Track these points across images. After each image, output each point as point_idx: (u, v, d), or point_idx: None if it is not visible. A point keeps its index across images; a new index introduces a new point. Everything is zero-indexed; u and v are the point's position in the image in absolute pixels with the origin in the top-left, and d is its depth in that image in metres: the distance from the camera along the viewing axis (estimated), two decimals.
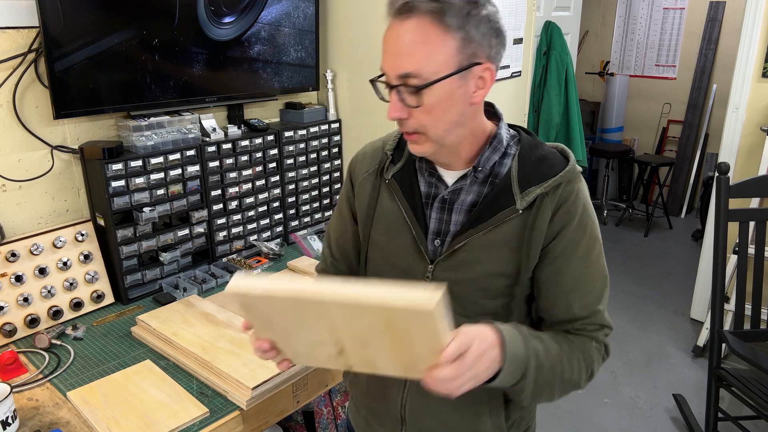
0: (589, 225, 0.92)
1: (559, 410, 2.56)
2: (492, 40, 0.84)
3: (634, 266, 4.02)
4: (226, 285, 0.74)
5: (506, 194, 0.90)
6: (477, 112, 0.91)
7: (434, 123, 0.86)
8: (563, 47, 3.24)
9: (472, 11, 0.81)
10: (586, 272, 0.92)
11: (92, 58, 1.55)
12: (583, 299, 0.93)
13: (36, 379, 1.32)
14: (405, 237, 0.96)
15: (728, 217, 2.02)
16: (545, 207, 0.88)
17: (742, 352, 1.93)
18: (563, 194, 0.89)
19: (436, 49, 0.81)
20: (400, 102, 0.85)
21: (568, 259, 0.91)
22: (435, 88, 0.82)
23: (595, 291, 0.94)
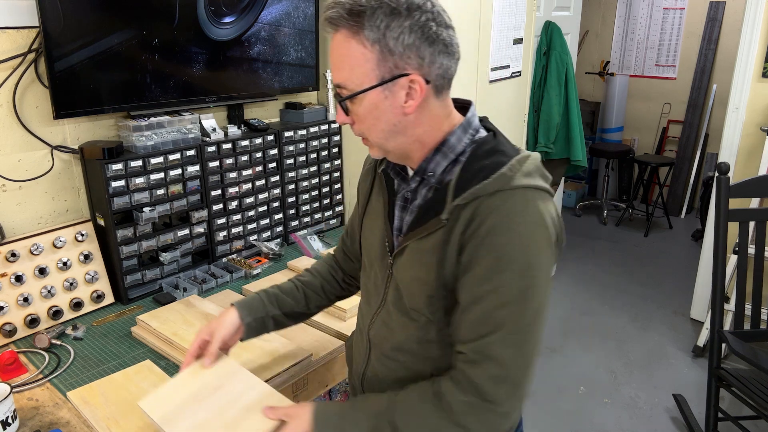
0: (501, 245, 0.81)
1: (559, 410, 2.56)
2: (423, 50, 0.83)
3: (634, 266, 4.02)
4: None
5: (441, 203, 0.88)
6: (420, 121, 0.89)
7: (369, 131, 0.90)
8: (563, 47, 3.24)
9: (391, 24, 0.81)
10: (487, 296, 0.82)
11: (92, 58, 1.55)
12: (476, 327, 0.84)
13: (36, 379, 1.32)
14: (381, 228, 1.00)
15: (728, 217, 2.02)
16: (461, 220, 0.84)
17: (742, 352, 1.93)
18: (481, 208, 0.83)
19: (355, 62, 0.84)
20: (343, 111, 0.91)
21: (467, 277, 0.84)
22: (361, 99, 0.86)
23: (494, 319, 0.82)
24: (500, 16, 2.40)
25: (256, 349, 1.36)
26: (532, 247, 0.82)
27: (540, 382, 2.77)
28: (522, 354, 0.83)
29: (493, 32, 2.38)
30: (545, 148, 3.26)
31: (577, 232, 4.57)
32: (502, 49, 2.48)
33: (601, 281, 3.79)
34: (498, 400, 0.83)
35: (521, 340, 0.83)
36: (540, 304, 0.83)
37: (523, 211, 0.82)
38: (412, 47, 0.82)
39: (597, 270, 3.95)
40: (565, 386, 2.73)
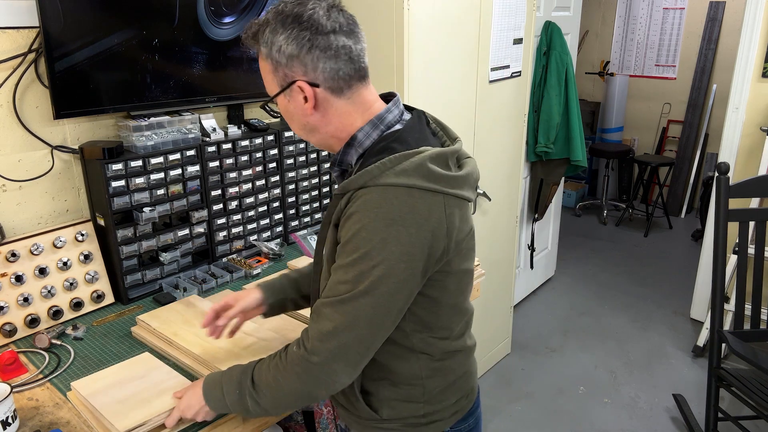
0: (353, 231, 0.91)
1: (559, 410, 2.56)
2: (303, 58, 0.94)
3: (634, 266, 4.02)
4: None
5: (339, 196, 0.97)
6: (329, 120, 1.00)
7: (292, 129, 1.05)
8: (563, 47, 3.24)
9: (273, 39, 0.94)
10: (336, 269, 0.94)
11: (92, 58, 1.55)
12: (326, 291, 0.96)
13: (36, 379, 1.32)
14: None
15: (728, 217, 2.02)
16: (338, 206, 0.96)
17: (742, 352, 1.93)
18: (351, 198, 0.93)
19: (264, 74, 1.00)
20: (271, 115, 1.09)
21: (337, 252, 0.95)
22: (276, 104, 1.02)
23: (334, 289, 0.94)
24: (500, 16, 2.40)
25: (256, 349, 1.36)
26: (376, 240, 0.89)
27: (540, 382, 2.77)
28: (352, 323, 0.92)
29: (493, 32, 2.38)
30: (545, 148, 3.26)
31: (576, 232, 4.56)
32: (502, 49, 2.48)
33: (601, 281, 3.79)
34: (314, 350, 0.94)
35: (352, 313, 0.92)
36: (378, 292, 0.90)
37: (378, 206, 0.90)
38: (292, 57, 0.94)
39: (597, 270, 3.95)
40: (565, 386, 2.73)
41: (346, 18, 0.97)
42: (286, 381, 0.98)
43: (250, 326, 1.47)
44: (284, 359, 0.99)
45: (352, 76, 0.97)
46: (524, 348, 3.07)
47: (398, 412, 1.08)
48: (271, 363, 1.01)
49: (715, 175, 2.07)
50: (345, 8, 0.99)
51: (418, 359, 1.05)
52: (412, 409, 1.08)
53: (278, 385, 1.00)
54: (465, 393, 1.14)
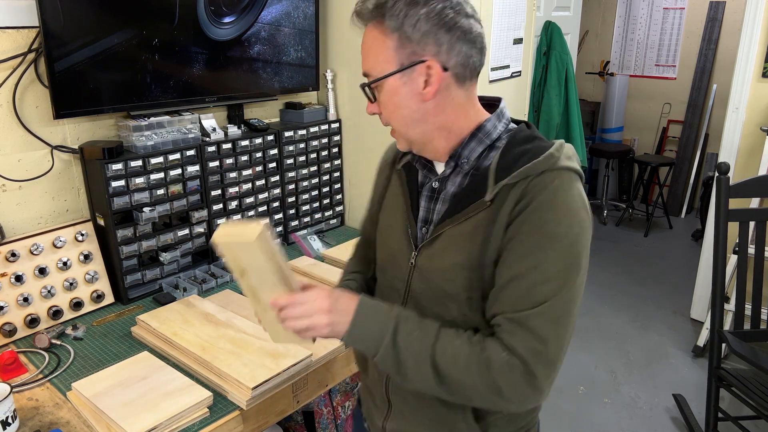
0: (550, 222, 0.82)
1: (559, 410, 2.56)
2: (440, 36, 0.85)
3: (634, 266, 4.02)
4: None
5: (482, 186, 0.89)
6: (443, 109, 0.90)
7: (392, 118, 0.93)
8: (563, 47, 3.24)
9: (409, 12, 0.85)
10: (529, 272, 0.83)
11: (92, 58, 1.55)
12: (516, 300, 0.84)
13: (36, 379, 1.32)
14: (399, 222, 1.00)
15: (728, 217, 2.02)
16: (510, 199, 0.85)
17: (742, 352, 1.93)
18: (530, 186, 0.84)
19: (379, 50, 0.88)
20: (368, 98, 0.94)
21: (511, 252, 0.85)
22: (382, 85, 0.90)
23: (537, 296, 0.82)
24: (500, 16, 2.40)
25: (256, 349, 1.36)
26: (575, 226, 0.83)
27: None
28: (560, 331, 0.83)
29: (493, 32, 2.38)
30: None
31: None
32: (502, 49, 2.48)
33: (601, 281, 3.79)
34: (537, 373, 0.82)
35: (560, 318, 0.83)
36: (580, 283, 0.84)
37: (568, 189, 0.84)
38: (429, 34, 0.85)
39: (597, 270, 3.95)
40: (565, 386, 2.73)
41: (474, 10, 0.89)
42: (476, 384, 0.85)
43: (250, 326, 1.47)
44: (486, 363, 0.84)
45: (476, 69, 0.91)
46: None
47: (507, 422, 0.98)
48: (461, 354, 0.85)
49: (715, 175, 2.07)
50: None
51: None
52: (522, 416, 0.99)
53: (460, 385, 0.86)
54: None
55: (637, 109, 5.26)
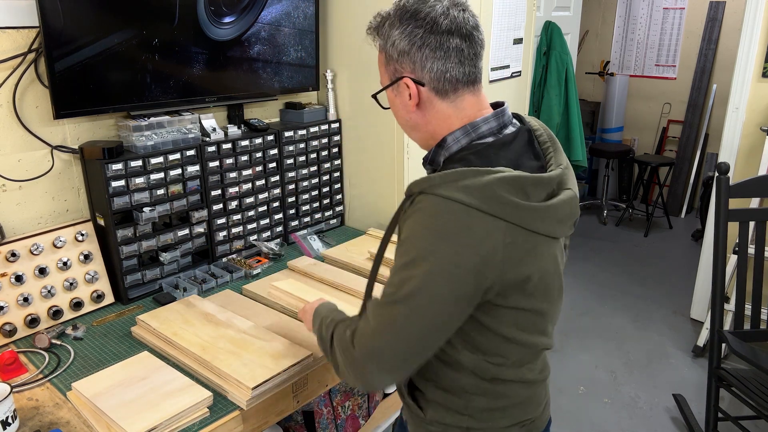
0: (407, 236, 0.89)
1: (559, 410, 2.56)
2: (412, 55, 0.94)
3: (634, 266, 4.02)
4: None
5: None
6: (429, 120, 0.99)
7: (398, 122, 1.06)
8: (563, 47, 3.24)
9: (390, 33, 0.96)
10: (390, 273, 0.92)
11: (92, 58, 1.55)
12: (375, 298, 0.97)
13: (36, 379, 1.32)
14: None
15: (728, 217, 2.02)
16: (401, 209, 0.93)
17: (742, 352, 1.93)
18: (412, 201, 0.90)
19: (379, 65, 1.03)
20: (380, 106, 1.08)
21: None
22: (384, 96, 1.04)
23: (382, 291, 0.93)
24: (500, 16, 2.40)
25: (256, 349, 1.37)
26: (422, 250, 0.86)
27: None
28: (384, 330, 0.90)
29: (493, 32, 2.38)
30: None
31: (577, 232, 4.56)
32: (502, 49, 2.48)
33: (600, 281, 3.79)
34: (355, 343, 0.94)
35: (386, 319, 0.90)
36: (413, 303, 0.87)
37: (432, 216, 0.86)
38: (403, 53, 0.95)
39: (597, 270, 3.95)
40: (565, 386, 2.73)
41: (465, 19, 0.94)
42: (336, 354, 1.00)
43: (250, 326, 1.48)
44: (340, 336, 1.00)
45: (459, 80, 0.96)
46: None
47: (441, 417, 1.04)
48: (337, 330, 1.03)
49: (715, 175, 2.07)
50: (469, 8, 0.96)
51: (466, 375, 1.00)
52: (455, 418, 1.04)
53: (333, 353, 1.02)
54: (520, 421, 1.06)
55: (637, 109, 5.26)
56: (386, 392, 1.99)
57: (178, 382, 1.26)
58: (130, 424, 1.11)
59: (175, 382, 1.26)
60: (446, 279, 0.85)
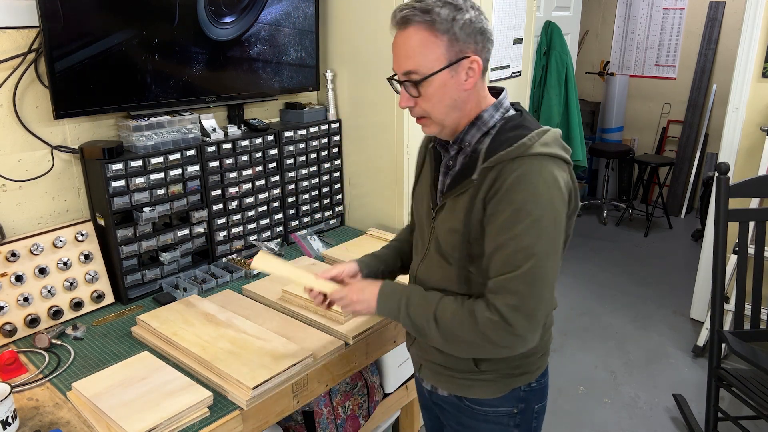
0: (519, 201, 1.00)
1: (559, 410, 2.56)
2: (477, 37, 1.05)
3: (634, 266, 4.02)
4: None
5: (473, 166, 1.08)
6: (471, 98, 1.09)
7: (434, 108, 1.08)
8: (563, 47, 3.24)
9: (456, 17, 1.02)
10: (507, 243, 1.01)
11: (92, 58, 1.55)
12: (500, 267, 1.03)
13: (36, 379, 1.32)
14: (426, 192, 1.22)
15: (728, 217, 2.02)
16: (487, 180, 1.04)
17: (742, 352, 1.93)
18: (504, 170, 1.02)
19: (429, 49, 1.04)
20: (407, 94, 1.09)
21: (491, 227, 1.04)
22: (432, 80, 1.05)
23: (514, 262, 1.01)
24: (500, 16, 2.40)
25: (256, 349, 1.37)
26: (543, 202, 1.00)
27: None
28: (536, 290, 1.01)
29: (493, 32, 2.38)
30: None
31: (577, 232, 4.55)
32: (502, 49, 2.48)
33: (600, 281, 3.79)
34: (514, 324, 1.01)
35: (536, 279, 1.01)
36: (550, 249, 1.02)
37: (538, 172, 1.01)
38: (471, 35, 1.04)
39: (597, 270, 3.95)
40: (565, 386, 2.73)
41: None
42: (471, 338, 1.06)
43: (250, 326, 1.48)
44: (474, 321, 1.05)
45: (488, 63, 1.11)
46: None
47: (496, 365, 1.17)
48: (458, 311, 1.08)
49: (715, 175, 2.07)
50: None
51: None
52: (509, 361, 1.16)
53: (458, 339, 1.08)
54: (546, 350, 1.25)
55: (637, 109, 5.26)
56: (386, 392, 1.99)
57: (178, 382, 1.26)
58: (130, 424, 1.11)
59: (175, 382, 1.26)
60: (559, 222, 1.04)
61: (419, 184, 1.29)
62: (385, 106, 2.05)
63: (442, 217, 1.16)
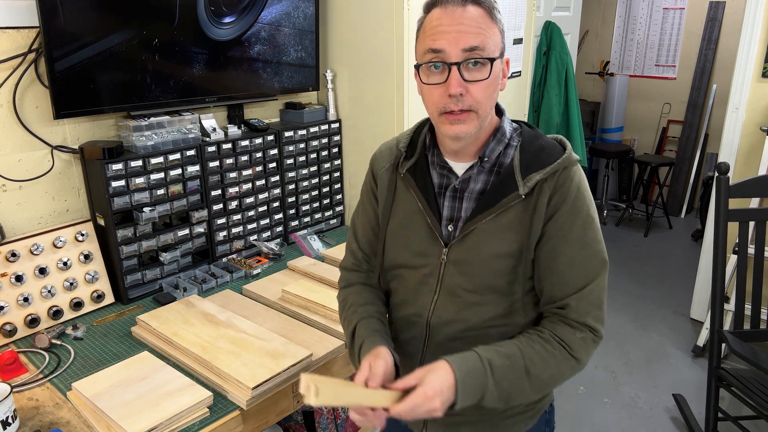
0: (584, 207, 0.98)
1: (559, 410, 2.56)
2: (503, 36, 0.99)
3: (634, 266, 4.02)
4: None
5: (510, 181, 0.98)
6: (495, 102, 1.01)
7: (487, 100, 0.95)
8: (563, 47, 3.24)
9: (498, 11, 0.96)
10: (581, 253, 0.98)
11: (92, 58, 1.55)
12: (576, 280, 0.98)
13: (36, 379, 1.32)
14: (421, 224, 1.05)
15: (728, 217, 2.02)
16: (544, 191, 0.96)
17: (742, 352, 1.93)
18: (559, 179, 0.96)
19: (491, 32, 0.94)
20: (460, 78, 0.92)
21: (562, 240, 0.97)
22: (495, 64, 0.94)
23: (591, 271, 0.98)
24: None
25: (256, 349, 1.37)
26: (593, 206, 1.00)
27: None
28: (604, 292, 1.01)
29: None
30: None
31: None
32: None
33: None
34: (599, 331, 1.01)
35: (603, 282, 1.00)
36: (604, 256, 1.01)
37: (583, 177, 1.00)
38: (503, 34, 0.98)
39: None
40: (565, 386, 2.73)
41: None
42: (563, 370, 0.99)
43: (250, 326, 1.48)
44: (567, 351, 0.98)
45: None
46: None
47: None
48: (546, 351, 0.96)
49: (715, 175, 2.07)
50: None
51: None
52: None
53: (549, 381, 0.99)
54: None
55: (637, 109, 5.26)
56: None
57: (178, 382, 1.26)
58: (130, 424, 1.11)
59: (175, 382, 1.26)
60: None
61: (395, 218, 1.09)
62: (385, 106, 2.05)
63: (470, 246, 1.00)
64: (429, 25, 0.94)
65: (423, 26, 0.96)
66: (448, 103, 0.93)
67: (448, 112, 0.94)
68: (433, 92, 0.95)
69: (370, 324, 1.10)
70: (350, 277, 1.20)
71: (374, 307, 1.14)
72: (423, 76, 0.96)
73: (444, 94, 0.93)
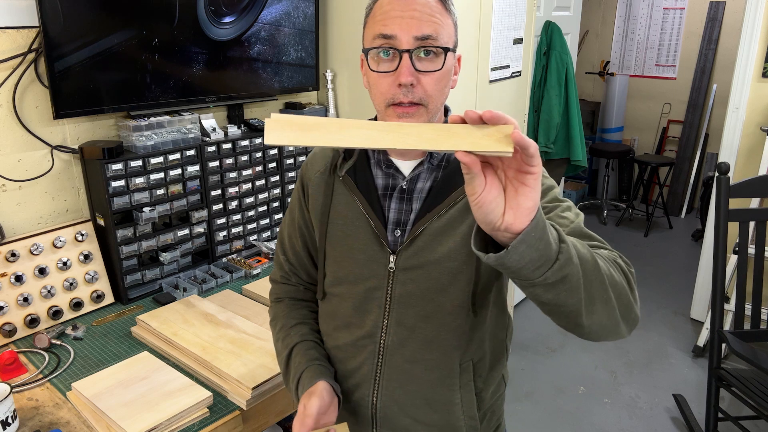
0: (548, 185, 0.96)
1: (560, 410, 2.56)
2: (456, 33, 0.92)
3: (634, 266, 3.97)
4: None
5: (456, 176, 0.91)
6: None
7: (437, 94, 0.87)
8: (563, 47, 3.24)
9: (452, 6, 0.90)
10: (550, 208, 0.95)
11: (92, 58, 1.55)
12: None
13: (36, 379, 1.32)
14: (364, 229, 0.96)
15: (728, 217, 2.02)
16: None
17: (742, 352, 1.93)
18: None
19: (445, 22, 0.87)
20: (411, 66, 0.85)
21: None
22: (448, 56, 0.87)
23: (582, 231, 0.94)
24: (500, 16, 2.40)
25: (256, 349, 1.36)
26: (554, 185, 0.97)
27: (540, 382, 2.77)
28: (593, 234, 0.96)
29: (493, 32, 2.38)
30: (545, 148, 3.26)
31: None
32: (502, 49, 2.48)
33: None
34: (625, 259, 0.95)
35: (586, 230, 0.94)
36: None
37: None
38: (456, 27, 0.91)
39: None
40: (565, 386, 2.73)
41: None
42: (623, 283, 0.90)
43: (250, 326, 1.47)
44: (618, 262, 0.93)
45: None
46: (524, 348, 3.07)
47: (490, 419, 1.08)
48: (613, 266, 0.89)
49: (715, 175, 2.07)
50: None
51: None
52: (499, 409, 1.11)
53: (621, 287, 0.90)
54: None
55: (637, 109, 5.26)
56: None
57: (178, 382, 1.26)
58: (130, 424, 1.11)
59: (175, 382, 1.26)
60: None
61: (335, 224, 0.99)
62: None
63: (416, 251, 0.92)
64: (380, 9, 0.87)
65: (373, 11, 0.89)
66: (396, 94, 0.85)
67: (397, 104, 0.86)
68: (381, 81, 0.87)
69: (306, 352, 1.03)
70: (279, 291, 1.15)
71: (306, 327, 1.09)
72: (371, 63, 0.88)
73: (393, 84, 0.85)
